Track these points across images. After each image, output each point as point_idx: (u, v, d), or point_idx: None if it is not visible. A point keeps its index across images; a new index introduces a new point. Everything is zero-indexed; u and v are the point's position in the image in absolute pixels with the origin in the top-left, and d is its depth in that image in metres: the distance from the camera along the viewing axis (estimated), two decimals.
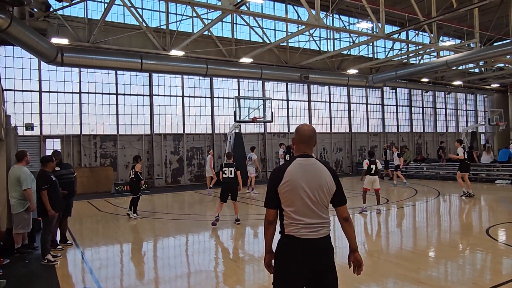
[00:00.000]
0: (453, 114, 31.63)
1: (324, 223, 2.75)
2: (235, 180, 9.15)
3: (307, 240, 2.69)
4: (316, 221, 2.72)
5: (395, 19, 24.24)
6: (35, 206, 6.72)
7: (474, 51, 18.40)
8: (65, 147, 16.31)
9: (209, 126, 19.96)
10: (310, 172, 2.75)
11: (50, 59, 13.68)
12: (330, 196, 2.78)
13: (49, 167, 6.44)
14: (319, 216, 2.73)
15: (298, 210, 2.72)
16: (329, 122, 24.25)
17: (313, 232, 2.70)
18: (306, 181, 2.72)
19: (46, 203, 6.11)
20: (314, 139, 2.91)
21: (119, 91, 17.73)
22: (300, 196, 2.71)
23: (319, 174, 2.76)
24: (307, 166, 2.77)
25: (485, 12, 21.84)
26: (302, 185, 2.71)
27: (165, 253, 7.22)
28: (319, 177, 2.75)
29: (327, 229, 2.77)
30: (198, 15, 16.77)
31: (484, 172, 17.20)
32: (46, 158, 6.55)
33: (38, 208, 6.32)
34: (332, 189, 2.78)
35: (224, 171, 9.21)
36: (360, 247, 7.15)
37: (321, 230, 2.73)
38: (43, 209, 6.18)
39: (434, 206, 11.67)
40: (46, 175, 6.29)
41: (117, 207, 12.36)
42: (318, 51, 22.35)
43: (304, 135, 2.88)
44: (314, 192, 2.71)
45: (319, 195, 2.72)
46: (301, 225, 2.70)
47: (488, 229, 7.80)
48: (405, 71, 21.62)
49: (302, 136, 2.88)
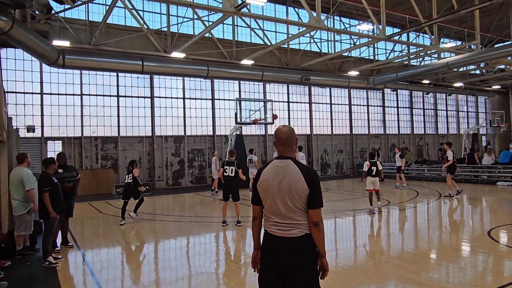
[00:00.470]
0: (454, 116, 31.61)
1: (296, 224, 2.76)
2: (236, 179, 9.01)
3: (277, 237, 2.80)
4: (285, 221, 2.78)
5: (396, 20, 24.26)
6: (37, 207, 6.74)
7: (475, 52, 18.39)
8: (66, 149, 16.32)
9: (210, 128, 19.97)
10: (281, 174, 2.81)
11: (52, 62, 13.71)
12: (302, 198, 2.75)
13: (51, 169, 6.43)
14: (288, 217, 2.77)
15: (269, 209, 2.87)
16: (330, 124, 24.25)
17: (282, 230, 2.79)
18: (277, 182, 2.80)
19: (48, 205, 6.11)
20: (292, 140, 2.93)
21: (120, 93, 17.76)
22: (270, 196, 2.83)
23: (290, 176, 2.79)
24: (280, 168, 2.84)
25: (486, 14, 21.86)
26: (273, 185, 2.82)
27: (166, 255, 7.22)
28: (289, 179, 2.78)
29: (299, 230, 2.76)
30: (199, 17, 16.82)
31: (486, 174, 17.15)
32: (48, 160, 6.54)
33: (40, 210, 6.30)
34: (304, 192, 2.74)
35: (225, 170, 9.03)
36: (361, 248, 7.18)
37: (292, 230, 2.76)
38: (45, 211, 6.17)
39: (435, 208, 11.65)
40: (48, 177, 6.28)
41: (118, 209, 12.31)
42: (319, 53, 22.37)
43: (281, 138, 2.93)
44: (284, 193, 2.77)
45: (288, 196, 2.76)
46: (272, 222, 2.85)
47: (489, 231, 7.78)
48: (406, 73, 21.61)
49: (280, 139, 2.93)
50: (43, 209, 6.19)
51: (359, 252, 6.98)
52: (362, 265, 6.10)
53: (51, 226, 6.29)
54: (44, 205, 6.15)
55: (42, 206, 6.21)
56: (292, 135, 2.94)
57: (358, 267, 6.02)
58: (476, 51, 18.56)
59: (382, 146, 26.16)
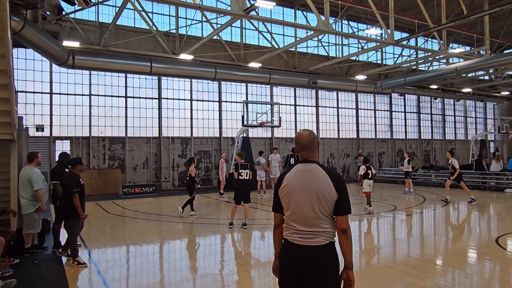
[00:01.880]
0: (462, 122, 31.38)
1: (321, 232, 2.63)
2: (250, 183, 9.17)
3: (299, 245, 2.65)
4: (309, 229, 2.64)
5: (404, 25, 24.23)
6: (45, 206, 6.81)
7: (484, 58, 18.29)
8: (74, 148, 16.47)
9: (216, 130, 20.03)
10: (307, 178, 2.70)
11: (62, 62, 13.89)
12: (329, 204, 2.63)
13: (78, 169, 6.33)
14: (313, 225, 2.63)
15: (292, 216, 2.72)
16: (337, 128, 24.20)
17: (305, 239, 2.64)
18: (302, 187, 2.69)
19: (78, 206, 6.04)
20: (314, 144, 2.86)
21: (128, 94, 17.89)
22: (294, 202, 2.70)
23: (317, 180, 2.67)
24: (305, 172, 2.74)
25: (495, 19, 21.75)
26: (297, 191, 2.70)
27: (172, 255, 7.25)
28: (316, 183, 2.66)
29: (324, 238, 2.63)
30: (208, 20, 16.90)
31: (494, 181, 17.00)
32: (75, 161, 6.43)
33: (65, 210, 6.22)
34: (332, 197, 2.62)
35: (241, 173, 9.03)
36: (367, 253, 7.15)
37: (316, 238, 2.62)
38: (70, 211, 6.10)
39: (442, 214, 11.57)
40: (76, 177, 6.20)
41: (124, 209, 12.44)
42: (326, 57, 22.37)
43: (302, 142, 2.85)
44: (310, 199, 2.64)
45: (316, 202, 2.63)
46: (294, 230, 2.70)
47: (497, 238, 7.72)
48: (414, 78, 21.54)
49: (301, 144, 2.85)
50: (69, 209, 6.11)
51: (365, 257, 6.95)
52: (368, 270, 6.08)
53: (75, 227, 6.24)
54: (69, 205, 6.07)
55: (68, 206, 6.13)
56: (314, 139, 2.87)
57: (364, 272, 6.00)
58: (485, 57, 18.46)
59: (388, 151, 26.06)
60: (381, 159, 25.92)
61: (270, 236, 8.65)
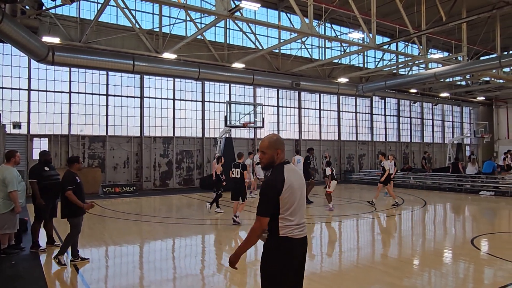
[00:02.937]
0: (440, 125, 32.20)
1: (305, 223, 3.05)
2: (241, 180, 9.52)
3: (300, 239, 2.95)
4: (302, 221, 2.99)
5: (386, 29, 24.69)
6: (20, 208, 6.61)
7: (461, 64, 18.83)
8: (53, 146, 16.12)
9: (199, 129, 19.94)
10: (297, 175, 3.04)
11: (41, 58, 13.57)
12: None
13: (75, 168, 6.27)
14: (303, 216, 3.02)
15: (294, 213, 2.92)
16: (319, 130, 24.46)
17: (303, 231, 2.98)
18: (298, 184, 2.99)
19: (76, 201, 5.99)
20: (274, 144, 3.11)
21: (110, 92, 17.63)
22: (296, 198, 2.94)
23: (302, 177, 3.15)
24: (294, 170, 3.05)
25: (473, 27, 22.41)
26: (297, 188, 2.96)
27: (152, 256, 7.19)
28: (302, 179, 3.10)
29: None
30: (192, 19, 16.83)
31: (469, 183, 17.51)
32: (72, 159, 6.38)
33: (63, 210, 6.12)
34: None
35: (232, 171, 9.62)
36: (347, 254, 7.27)
37: (304, 230, 3.00)
38: (68, 210, 6.04)
39: (420, 215, 11.85)
40: (72, 175, 6.15)
41: (104, 209, 12.24)
42: (309, 59, 22.59)
43: (283, 143, 3.09)
44: (302, 193, 3.01)
45: (303, 195, 3.03)
46: (294, 226, 2.92)
47: (472, 239, 7.96)
48: (394, 82, 21.99)
49: (283, 144, 3.08)
50: (66, 208, 6.05)
51: (345, 258, 7.06)
52: (349, 270, 6.19)
53: (77, 225, 6.16)
54: (66, 204, 6.01)
55: (65, 206, 6.04)
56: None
57: (344, 272, 6.10)
58: (462, 63, 19.01)
59: (368, 153, 26.49)
60: (362, 161, 26.32)
61: None
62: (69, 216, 6.13)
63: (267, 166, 3.06)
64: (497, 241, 8.30)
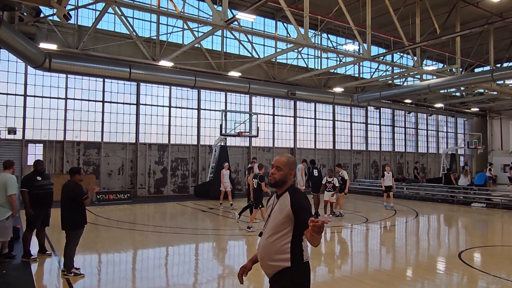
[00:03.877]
0: (434, 136, 32.45)
1: None
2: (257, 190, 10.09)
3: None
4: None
5: (381, 40, 24.95)
6: (17, 212, 6.68)
7: (455, 77, 19.07)
8: (48, 152, 16.12)
9: (194, 137, 20.00)
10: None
11: (38, 64, 13.62)
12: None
13: (77, 178, 6.18)
14: None
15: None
16: (314, 139, 24.59)
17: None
18: None
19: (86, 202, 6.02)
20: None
21: (106, 99, 17.68)
22: None
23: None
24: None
25: (467, 39, 22.72)
26: None
27: (144, 265, 7.22)
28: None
29: None
30: (189, 28, 16.95)
31: (462, 195, 17.65)
32: (74, 170, 6.28)
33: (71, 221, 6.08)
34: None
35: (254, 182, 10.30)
36: (333, 266, 7.34)
37: None
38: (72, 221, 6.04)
39: (411, 227, 11.94)
40: (79, 187, 6.09)
41: (97, 217, 12.25)
42: (305, 68, 22.78)
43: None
44: None
45: None
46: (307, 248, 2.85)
47: (460, 253, 8.05)
48: (389, 92, 22.20)
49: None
50: (68, 219, 6.04)
51: (331, 270, 7.13)
52: (335, 283, 6.25)
53: (75, 238, 6.12)
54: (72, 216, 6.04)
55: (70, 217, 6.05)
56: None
57: (330, 285, 6.17)
58: (455, 76, 19.25)
59: (363, 163, 26.63)
60: (356, 170, 26.45)
61: (241, 246, 8.76)
62: (70, 228, 6.08)
63: (278, 183, 2.88)
64: (485, 256, 8.39)
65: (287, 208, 2.75)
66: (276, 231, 2.77)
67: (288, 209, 2.74)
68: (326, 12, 19.29)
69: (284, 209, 2.77)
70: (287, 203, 2.77)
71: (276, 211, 2.83)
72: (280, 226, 2.76)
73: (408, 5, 18.41)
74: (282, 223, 2.75)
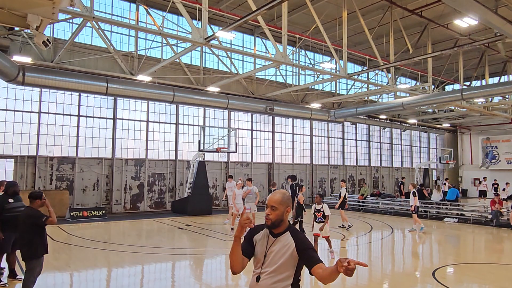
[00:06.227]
0: (408, 150, 33.32)
1: None
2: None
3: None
4: None
5: (357, 58, 25.69)
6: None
7: (427, 95, 19.77)
8: (19, 168, 15.61)
9: (172, 152, 19.82)
10: None
11: (11, 78, 13.25)
12: None
13: (35, 204, 5.64)
14: None
15: None
16: (292, 154, 24.80)
17: None
18: None
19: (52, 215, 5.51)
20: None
21: (82, 113, 17.33)
22: None
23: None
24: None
25: (438, 58, 23.66)
26: None
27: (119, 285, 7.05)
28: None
29: None
30: (169, 43, 16.99)
31: (434, 210, 18.11)
32: (34, 195, 5.71)
33: (29, 250, 5.51)
34: None
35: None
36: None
37: None
38: (30, 250, 5.48)
39: (386, 243, 12.14)
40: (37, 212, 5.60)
41: (70, 236, 11.89)
42: (284, 84, 23.10)
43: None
44: None
45: None
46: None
47: (434, 272, 8.24)
48: (365, 109, 22.75)
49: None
50: (27, 247, 5.48)
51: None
52: None
53: (34, 269, 5.58)
54: (31, 244, 5.47)
55: (29, 245, 5.48)
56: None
57: None
58: (428, 94, 19.96)
59: (340, 177, 26.99)
60: (333, 184, 26.78)
61: (221, 263, 8.68)
62: (29, 257, 5.53)
63: (275, 224, 2.78)
64: (458, 274, 8.61)
65: (291, 249, 2.72)
66: (278, 272, 2.72)
67: (293, 249, 2.71)
68: (303, 30, 19.75)
69: (287, 251, 2.73)
70: (290, 244, 2.74)
71: (276, 252, 2.76)
72: (283, 268, 2.72)
73: (382, 25, 19.05)
74: (285, 264, 2.72)
